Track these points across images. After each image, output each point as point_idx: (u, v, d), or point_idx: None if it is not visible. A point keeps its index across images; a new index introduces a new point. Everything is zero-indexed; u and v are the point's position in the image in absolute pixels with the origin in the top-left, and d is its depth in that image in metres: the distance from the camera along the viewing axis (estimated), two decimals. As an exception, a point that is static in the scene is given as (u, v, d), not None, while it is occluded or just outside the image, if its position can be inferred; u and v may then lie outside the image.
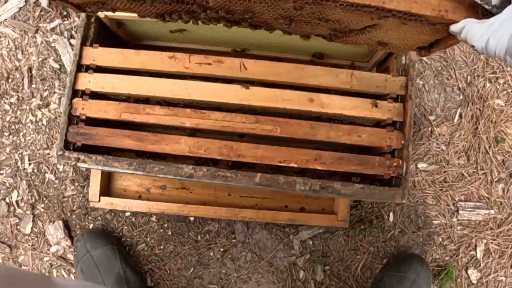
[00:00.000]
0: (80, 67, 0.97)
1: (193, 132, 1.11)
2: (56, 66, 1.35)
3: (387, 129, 0.95)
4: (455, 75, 1.39)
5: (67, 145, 0.95)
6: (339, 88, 0.97)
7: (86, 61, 0.97)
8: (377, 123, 1.01)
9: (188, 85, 0.95)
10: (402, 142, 0.95)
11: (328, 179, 0.92)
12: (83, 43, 0.98)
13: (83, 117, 0.95)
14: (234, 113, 0.94)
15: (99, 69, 0.98)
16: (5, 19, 1.37)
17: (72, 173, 1.32)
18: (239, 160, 0.92)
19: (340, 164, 0.93)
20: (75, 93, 0.96)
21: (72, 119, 0.96)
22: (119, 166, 0.92)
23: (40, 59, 1.35)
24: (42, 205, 1.31)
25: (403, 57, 0.98)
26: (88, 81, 0.96)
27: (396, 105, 0.96)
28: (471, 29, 0.61)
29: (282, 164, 0.92)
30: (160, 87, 0.95)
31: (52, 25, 1.37)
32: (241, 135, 1.05)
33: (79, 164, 0.93)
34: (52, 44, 1.36)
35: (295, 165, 0.92)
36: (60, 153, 0.93)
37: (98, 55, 0.97)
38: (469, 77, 1.40)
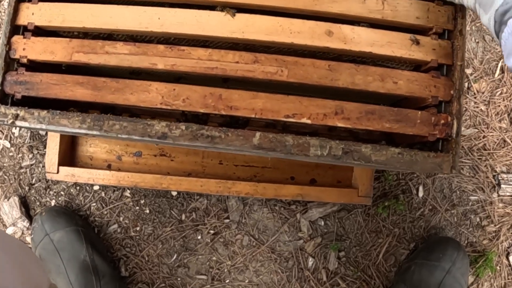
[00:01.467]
0: (23, -4, 0.79)
1: (175, 80, 0.91)
2: (11, 8, 1.19)
3: (432, 74, 0.75)
4: (496, 20, 1.23)
5: (5, 99, 0.77)
6: (366, 18, 0.76)
7: (29, -14, 0.79)
8: (416, 67, 0.81)
9: (161, 13, 0.75)
10: (452, 92, 0.75)
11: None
12: (26, -38, 0.79)
13: (25, 61, 0.77)
14: (223, 50, 0.74)
15: (47, -2, 0.79)
16: None
17: (30, 138, 1.16)
18: (230, 114, 0.72)
19: (369, 121, 0.72)
20: (15, 29, 0.79)
21: (11, 64, 0.78)
22: (69, 124, 0.73)
23: (-7, 0, 1.20)
24: (-4, 178, 1.16)
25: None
26: (31, 13, 0.78)
27: (442, 42, 0.76)
28: None
29: (290, 120, 0.72)
30: (124, 17, 0.75)
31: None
32: (232, 80, 0.86)
33: (18, 123, 0.75)
34: (7, -17, 1.19)
35: (308, 121, 0.71)
36: (-6, 108, 0.75)
37: (45, -22, 0.78)
38: None
